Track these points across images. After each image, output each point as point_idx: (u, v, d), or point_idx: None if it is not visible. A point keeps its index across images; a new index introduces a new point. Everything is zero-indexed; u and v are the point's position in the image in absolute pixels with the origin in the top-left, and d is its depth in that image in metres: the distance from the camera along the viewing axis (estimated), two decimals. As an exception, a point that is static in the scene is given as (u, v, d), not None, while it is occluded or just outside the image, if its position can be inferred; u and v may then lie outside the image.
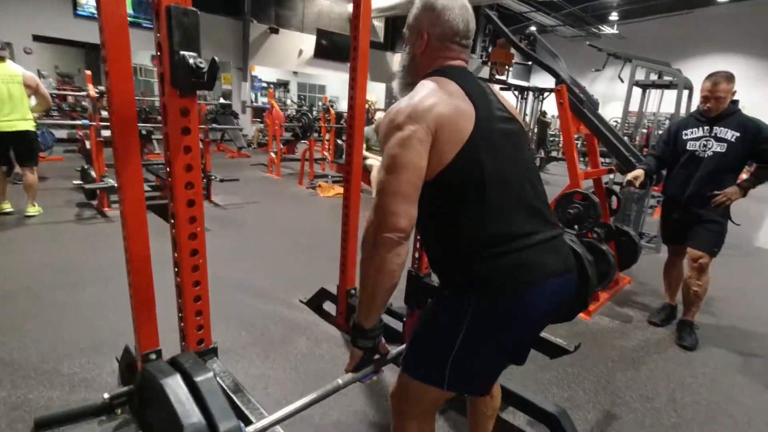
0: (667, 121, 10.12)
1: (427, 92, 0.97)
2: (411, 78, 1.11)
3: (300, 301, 2.71)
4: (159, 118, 1.07)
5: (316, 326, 2.45)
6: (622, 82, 5.14)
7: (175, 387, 0.81)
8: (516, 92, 11.84)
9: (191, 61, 0.97)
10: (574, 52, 14.96)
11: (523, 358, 1.13)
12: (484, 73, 11.41)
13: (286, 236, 4.01)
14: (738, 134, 2.37)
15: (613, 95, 14.93)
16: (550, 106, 13.77)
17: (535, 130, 11.77)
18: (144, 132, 6.24)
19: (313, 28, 13.02)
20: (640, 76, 4.62)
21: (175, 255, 1.15)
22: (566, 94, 3.02)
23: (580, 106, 2.99)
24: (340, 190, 6.40)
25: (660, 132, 5.30)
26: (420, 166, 0.92)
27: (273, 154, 7.32)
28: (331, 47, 13.22)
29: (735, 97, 2.46)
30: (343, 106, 15.07)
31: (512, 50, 10.68)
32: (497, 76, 11.33)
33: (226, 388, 1.15)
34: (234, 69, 12.37)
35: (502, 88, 12.55)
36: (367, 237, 0.94)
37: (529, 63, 18.83)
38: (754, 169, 2.46)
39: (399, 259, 0.92)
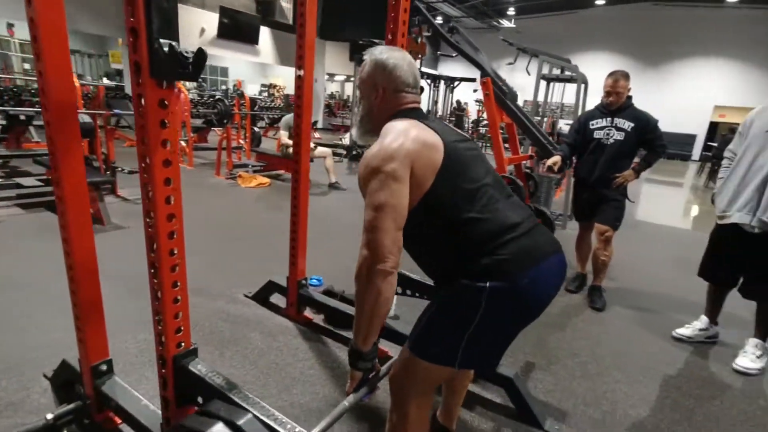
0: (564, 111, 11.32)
1: (395, 134, 1.08)
2: (371, 126, 1.23)
3: (245, 296, 2.64)
4: (36, 101, 0.99)
5: (267, 320, 2.40)
6: (529, 74, 5.64)
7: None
8: (428, 81, 12.30)
9: (178, 49, 0.91)
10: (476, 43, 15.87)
11: None
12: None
13: (214, 230, 3.81)
14: (633, 125, 2.77)
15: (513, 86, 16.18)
16: (462, 94, 14.53)
17: (452, 119, 12.31)
18: (23, 117, 5.41)
19: (215, 6, 12.14)
20: (544, 70, 5.10)
21: (152, 255, 1.08)
22: (491, 86, 3.25)
23: (503, 98, 3.25)
24: (263, 179, 6.21)
25: (563, 121, 5.91)
26: (401, 202, 1.03)
27: (183, 143, 6.80)
28: (235, 27, 12.44)
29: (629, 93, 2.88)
30: (249, 90, 14.34)
31: (424, 41, 11.04)
32: (410, 65, 11.58)
33: (220, 387, 1.12)
34: (124, 46, 11.11)
35: (414, 77, 12.97)
36: (360, 271, 1.04)
37: (438, 53, 19.58)
38: (644, 155, 2.90)
39: (392, 288, 1.03)
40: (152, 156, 1.00)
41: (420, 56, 11.67)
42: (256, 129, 8.55)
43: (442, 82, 12.33)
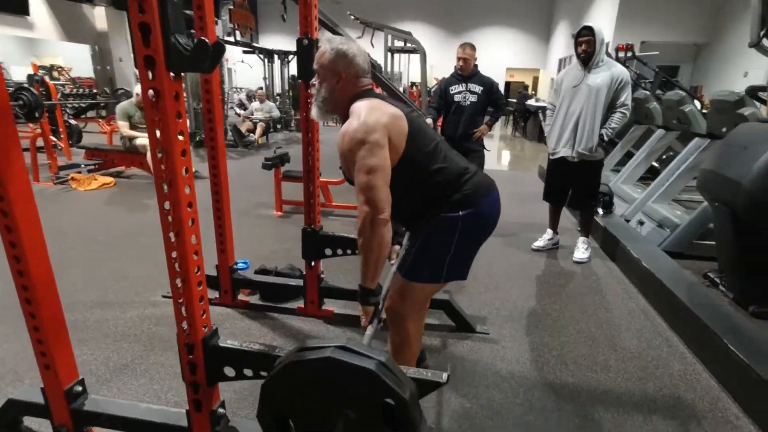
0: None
1: (368, 111, 1.29)
2: (332, 106, 1.41)
3: (164, 296, 2.51)
4: None
5: (203, 313, 2.35)
6: (373, 47, 6.07)
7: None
8: (261, 56, 11.87)
9: (206, 43, 0.96)
10: (291, 13, 15.76)
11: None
12: (217, 31, 10.90)
13: (83, 240, 3.32)
14: (482, 88, 3.41)
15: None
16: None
17: (290, 93, 12.15)
18: None
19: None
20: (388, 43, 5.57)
21: (172, 243, 1.11)
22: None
23: (377, 73, 3.58)
24: (106, 179, 5.44)
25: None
26: (386, 164, 1.27)
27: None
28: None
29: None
30: (14, 75, 11.54)
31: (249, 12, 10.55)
32: (240, 39, 11.04)
33: (261, 350, 1.23)
34: None
35: (246, 51, 12.34)
36: (364, 225, 1.25)
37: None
38: (491, 112, 3.60)
39: (389, 233, 1.27)
40: (171, 147, 1.03)
41: (249, 29, 11.16)
42: (73, 122, 7.21)
43: (276, 56, 12.06)
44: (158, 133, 1.02)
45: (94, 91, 11.03)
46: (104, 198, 4.68)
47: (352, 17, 5.34)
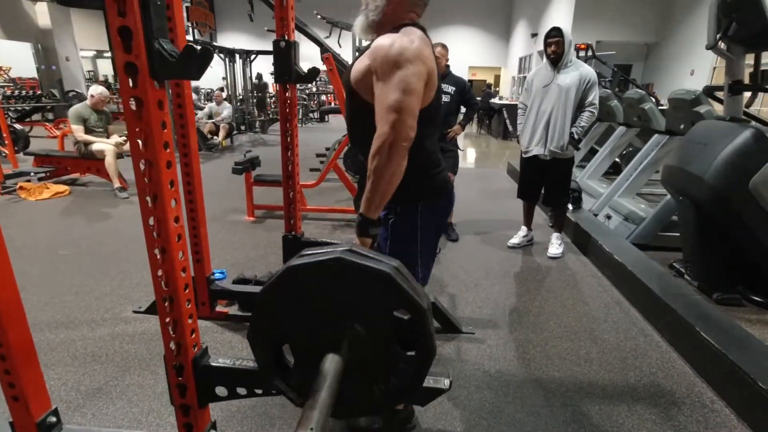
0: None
1: (421, 42, 1.18)
2: (379, 21, 1.27)
3: (135, 312, 2.38)
4: None
5: (179, 327, 2.25)
6: (340, 47, 6.01)
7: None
8: (222, 55, 11.52)
9: (195, 49, 0.90)
10: (264, 14, 15.50)
11: None
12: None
13: (40, 253, 3.11)
14: (454, 88, 3.43)
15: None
16: (260, 67, 14.06)
17: (254, 94, 11.87)
18: None
19: None
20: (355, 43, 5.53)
21: (159, 260, 1.05)
22: (333, 62, 3.49)
23: (345, 71, 3.53)
24: (59, 188, 5.13)
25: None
26: (422, 94, 1.17)
27: None
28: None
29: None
30: None
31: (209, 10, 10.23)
32: (200, 38, 10.70)
33: (255, 367, 1.18)
34: None
35: (205, 51, 11.92)
36: (382, 148, 1.14)
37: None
38: (464, 112, 3.63)
39: (405, 162, 1.17)
40: (156, 159, 0.97)
41: (209, 28, 10.83)
42: (18, 126, 6.75)
43: (237, 55, 11.74)
44: (140, 144, 0.96)
45: (39, 92, 10.37)
46: (59, 208, 4.40)
47: (319, 17, 5.26)
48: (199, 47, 0.94)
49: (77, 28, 13.49)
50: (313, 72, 2.02)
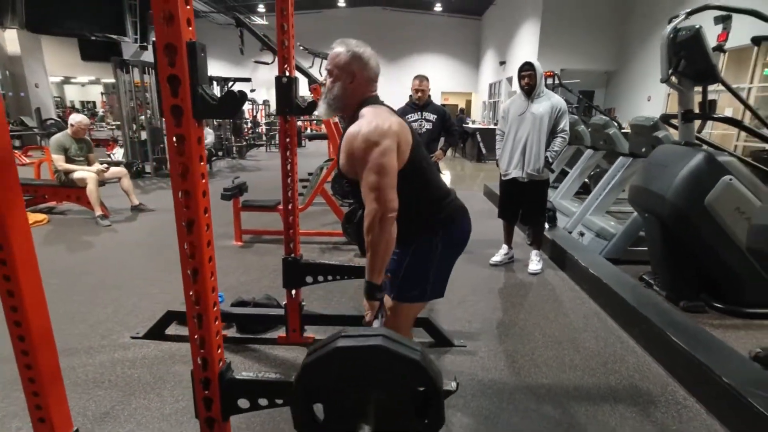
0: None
1: (382, 117, 1.38)
2: (341, 105, 1.47)
3: (133, 337, 2.41)
4: None
5: (178, 350, 2.29)
6: (321, 75, 6.21)
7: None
8: (199, 82, 11.58)
9: (235, 93, 1.04)
10: (225, 39, 16.04)
11: None
12: (147, 56, 10.59)
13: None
14: (436, 116, 3.66)
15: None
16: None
17: (237, 121, 11.90)
18: None
19: None
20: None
21: (193, 283, 1.15)
22: (321, 92, 3.66)
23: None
24: (38, 217, 5.07)
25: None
26: (395, 168, 1.37)
27: None
28: None
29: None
30: None
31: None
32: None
33: (277, 379, 1.27)
34: None
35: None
36: (373, 222, 1.32)
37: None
38: (446, 138, 3.85)
39: (395, 230, 1.36)
40: (195, 189, 1.08)
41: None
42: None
43: (215, 83, 11.84)
44: (181, 176, 1.07)
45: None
46: (39, 237, 4.33)
47: (302, 48, 5.46)
48: (237, 91, 1.07)
49: (46, 54, 13.31)
50: (312, 104, 2.17)
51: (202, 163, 1.10)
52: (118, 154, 9.08)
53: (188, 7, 1.01)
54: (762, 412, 1.62)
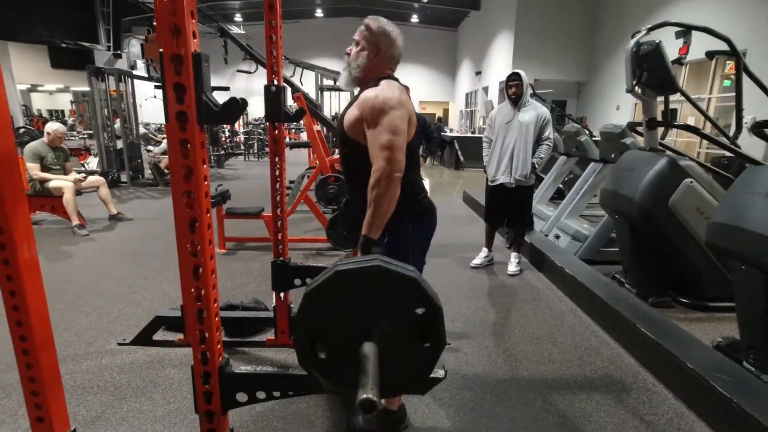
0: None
1: (399, 91, 1.47)
2: (361, 76, 1.54)
3: (120, 343, 2.40)
4: None
5: (167, 355, 2.30)
6: (302, 84, 6.29)
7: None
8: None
9: (237, 100, 1.11)
10: (203, 48, 15.73)
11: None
12: (120, 64, 10.50)
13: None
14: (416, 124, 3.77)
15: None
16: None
17: (209, 128, 11.80)
18: None
19: None
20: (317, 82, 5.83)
21: (195, 281, 1.20)
22: (304, 100, 3.74)
23: (317, 111, 3.79)
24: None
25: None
26: (407, 133, 1.45)
27: None
28: None
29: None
30: None
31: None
32: (156, 74, 10.63)
33: (277, 372, 1.32)
34: None
35: (156, 86, 11.85)
36: (380, 179, 1.38)
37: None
38: (426, 145, 3.98)
39: (399, 189, 1.41)
40: (198, 190, 1.14)
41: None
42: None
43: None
44: (184, 178, 1.13)
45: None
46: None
47: (285, 59, 5.55)
48: (239, 99, 1.14)
49: (13, 61, 12.97)
50: (300, 112, 2.25)
51: (204, 166, 1.16)
52: (92, 163, 8.90)
53: (194, 20, 1.09)
54: (723, 393, 1.76)
